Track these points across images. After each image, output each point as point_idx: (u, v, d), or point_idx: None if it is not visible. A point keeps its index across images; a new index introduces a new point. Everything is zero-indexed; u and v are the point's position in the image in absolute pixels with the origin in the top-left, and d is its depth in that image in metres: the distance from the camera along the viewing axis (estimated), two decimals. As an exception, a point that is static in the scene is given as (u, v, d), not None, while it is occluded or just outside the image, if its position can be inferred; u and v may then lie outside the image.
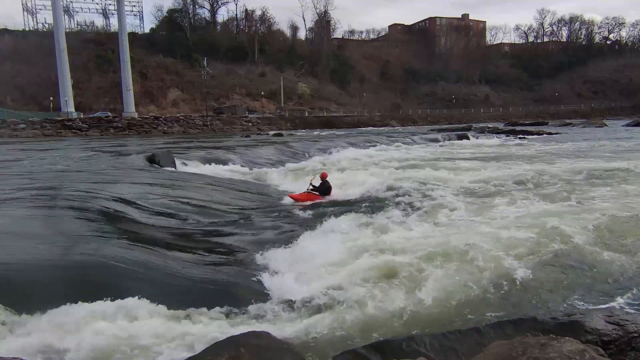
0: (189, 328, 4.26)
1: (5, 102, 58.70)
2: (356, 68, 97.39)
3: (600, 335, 3.36)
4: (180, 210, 9.01)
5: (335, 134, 41.45)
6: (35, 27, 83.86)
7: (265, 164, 18.55)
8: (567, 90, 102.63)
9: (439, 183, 12.39)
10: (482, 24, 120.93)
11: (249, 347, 3.32)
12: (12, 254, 5.31)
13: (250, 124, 61.89)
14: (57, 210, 7.51)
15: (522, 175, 13.43)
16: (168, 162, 16.18)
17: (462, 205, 9.50)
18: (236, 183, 13.61)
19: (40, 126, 45.65)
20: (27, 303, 4.37)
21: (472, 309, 4.78)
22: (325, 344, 4.09)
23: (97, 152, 20.99)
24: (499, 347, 2.91)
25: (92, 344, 3.84)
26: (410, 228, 7.75)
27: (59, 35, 55.28)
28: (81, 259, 5.34)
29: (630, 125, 49.89)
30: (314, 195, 11.03)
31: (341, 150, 24.62)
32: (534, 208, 9.11)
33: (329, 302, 4.84)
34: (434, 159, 20.00)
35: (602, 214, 8.13)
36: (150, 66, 77.83)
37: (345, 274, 5.54)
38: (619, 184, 11.77)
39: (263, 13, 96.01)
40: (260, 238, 7.43)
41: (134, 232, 6.89)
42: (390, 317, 4.55)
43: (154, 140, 35.35)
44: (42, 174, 12.48)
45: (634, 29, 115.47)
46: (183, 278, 5.37)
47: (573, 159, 18.68)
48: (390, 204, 9.88)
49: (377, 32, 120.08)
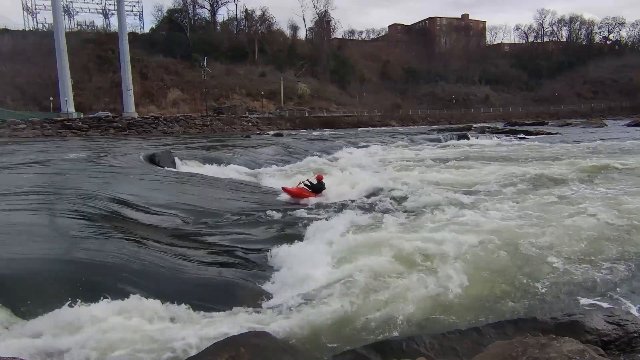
0: (189, 328, 4.25)
1: (5, 102, 58.67)
2: (356, 68, 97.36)
3: (600, 335, 3.36)
4: (180, 210, 9.01)
5: (336, 134, 41.43)
6: (35, 27, 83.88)
7: (265, 164, 18.54)
8: (567, 90, 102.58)
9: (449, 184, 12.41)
10: (482, 24, 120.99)
11: (249, 347, 3.32)
12: (12, 254, 5.31)
13: (250, 124, 61.90)
14: (57, 210, 7.51)
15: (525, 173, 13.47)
16: (168, 162, 16.18)
17: (465, 204, 9.50)
18: (236, 183, 13.60)
19: (40, 126, 45.67)
20: (27, 303, 4.36)
21: (472, 309, 4.78)
22: (325, 344, 4.08)
23: (97, 152, 20.98)
24: (499, 347, 2.91)
25: (92, 344, 3.83)
26: (409, 228, 7.75)
27: (59, 35, 55.32)
28: (81, 259, 5.34)
29: (630, 125, 49.86)
30: (307, 191, 11.07)
31: (343, 151, 24.63)
32: (534, 207, 9.11)
33: (329, 301, 4.84)
34: (437, 158, 20.01)
35: (603, 214, 8.13)
36: (150, 66, 77.87)
37: (345, 273, 5.54)
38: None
39: (263, 13, 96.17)
40: (260, 238, 7.43)
41: (134, 232, 6.89)
42: (390, 317, 4.54)
43: (154, 140, 35.33)
44: (42, 174, 12.47)
45: (633, 29, 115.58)
46: (183, 278, 5.37)
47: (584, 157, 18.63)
48: (388, 204, 9.88)
49: (377, 32, 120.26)
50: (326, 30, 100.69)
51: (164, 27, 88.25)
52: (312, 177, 11.60)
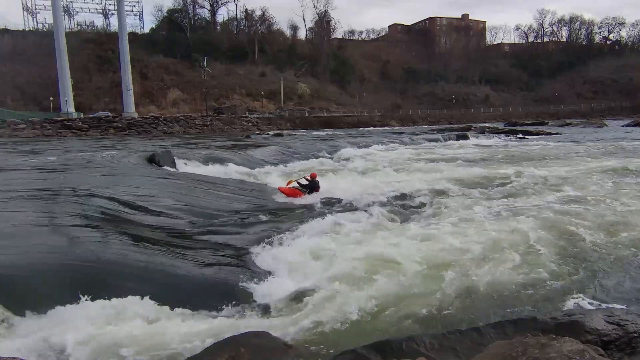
0: (189, 328, 4.25)
1: (5, 102, 58.68)
2: (356, 68, 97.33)
3: (600, 335, 3.36)
4: (180, 210, 9.00)
5: (336, 134, 41.43)
6: (35, 27, 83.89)
7: (265, 164, 18.54)
8: (567, 90, 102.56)
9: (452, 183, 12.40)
10: (482, 24, 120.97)
11: (249, 347, 3.32)
12: (12, 254, 5.31)
13: (250, 124, 61.90)
14: (57, 210, 7.50)
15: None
16: (168, 162, 16.16)
17: (466, 204, 9.50)
18: (236, 183, 13.60)
19: (40, 126, 45.66)
20: (27, 303, 4.36)
21: (472, 309, 4.78)
22: (325, 344, 4.08)
23: (97, 152, 20.97)
24: (499, 347, 2.91)
25: (92, 344, 3.83)
26: (408, 228, 7.74)
27: (59, 35, 55.33)
28: (81, 259, 5.33)
29: (630, 125, 49.82)
30: (299, 191, 11.16)
31: (344, 151, 24.64)
32: (535, 207, 9.11)
33: (329, 301, 4.84)
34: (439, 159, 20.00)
35: (602, 215, 8.13)
36: (150, 66, 77.86)
37: (345, 273, 5.53)
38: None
39: (263, 13, 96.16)
40: (260, 238, 7.42)
41: (133, 232, 6.88)
42: (391, 317, 4.54)
43: (154, 140, 35.34)
44: (41, 174, 12.47)
45: (633, 29, 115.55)
46: (183, 278, 5.37)
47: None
48: (387, 204, 9.87)
49: (377, 32, 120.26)
50: (326, 30, 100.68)
51: (164, 27, 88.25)
52: (306, 177, 11.68)
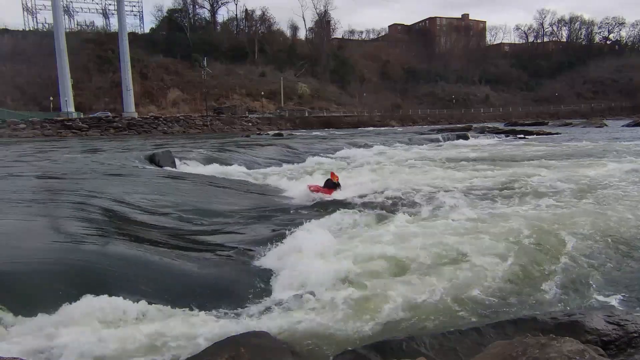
0: (189, 328, 4.25)
1: (5, 102, 58.72)
2: (356, 68, 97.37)
3: (600, 335, 3.35)
4: (180, 210, 9.00)
5: (337, 134, 41.43)
6: (35, 27, 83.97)
7: (265, 164, 18.55)
8: (567, 90, 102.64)
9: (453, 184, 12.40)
10: (482, 24, 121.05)
11: (249, 347, 3.32)
12: (12, 254, 5.30)
13: (250, 124, 61.95)
14: (57, 210, 7.51)
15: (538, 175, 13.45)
16: (168, 161, 16.19)
17: (465, 204, 9.49)
18: (236, 183, 13.60)
19: (40, 126, 45.72)
20: (27, 303, 4.36)
21: (472, 309, 4.77)
22: (325, 344, 4.08)
23: (97, 152, 20.98)
24: (499, 347, 2.91)
25: (92, 344, 3.83)
26: (414, 228, 7.73)
27: (59, 35, 55.39)
28: (81, 259, 5.33)
29: (630, 125, 49.83)
30: (326, 189, 11.37)
31: (344, 151, 24.67)
32: (535, 207, 9.11)
33: (329, 301, 4.84)
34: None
35: (603, 215, 8.12)
36: (150, 66, 77.95)
37: (345, 273, 5.53)
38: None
39: (263, 13, 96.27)
40: (260, 238, 7.42)
41: (134, 232, 6.88)
42: (391, 317, 4.54)
43: (154, 140, 35.34)
44: (41, 174, 12.47)
45: (633, 29, 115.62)
46: (183, 278, 5.37)
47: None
48: (392, 204, 9.86)
49: (377, 32, 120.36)
50: (326, 30, 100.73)
51: (164, 27, 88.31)
52: (327, 176, 12.00)
